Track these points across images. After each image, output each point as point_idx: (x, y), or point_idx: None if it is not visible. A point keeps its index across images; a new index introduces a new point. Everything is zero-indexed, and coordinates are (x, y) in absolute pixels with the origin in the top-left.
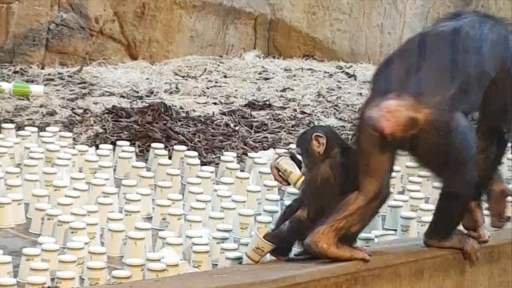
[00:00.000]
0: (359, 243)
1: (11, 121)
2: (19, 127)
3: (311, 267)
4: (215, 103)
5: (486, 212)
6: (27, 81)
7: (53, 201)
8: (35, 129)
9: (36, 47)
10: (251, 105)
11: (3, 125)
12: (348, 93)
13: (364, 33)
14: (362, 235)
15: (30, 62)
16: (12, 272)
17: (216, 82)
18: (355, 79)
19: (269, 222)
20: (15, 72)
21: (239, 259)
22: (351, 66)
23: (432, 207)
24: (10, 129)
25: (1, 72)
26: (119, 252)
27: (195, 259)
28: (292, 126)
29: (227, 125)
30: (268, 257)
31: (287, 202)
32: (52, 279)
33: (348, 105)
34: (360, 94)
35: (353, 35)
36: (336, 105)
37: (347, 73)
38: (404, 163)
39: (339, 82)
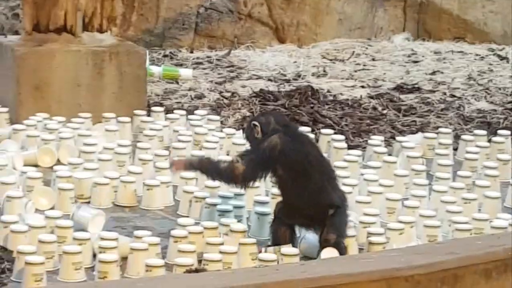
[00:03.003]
0: None
1: (161, 104)
2: (168, 110)
3: (460, 253)
4: (363, 87)
5: None
6: (176, 65)
7: (200, 183)
8: (184, 112)
9: (185, 31)
10: (400, 88)
11: (153, 108)
12: (500, 76)
13: None
14: None
15: (180, 46)
16: (161, 254)
17: (364, 65)
18: (508, 62)
19: (417, 207)
20: (165, 56)
21: (383, 244)
22: (504, 48)
23: None
24: (159, 112)
25: (151, 56)
26: (266, 235)
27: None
28: (442, 110)
29: (374, 108)
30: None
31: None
32: (199, 261)
33: (499, 88)
34: None
35: (505, 17)
36: (487, 88)
37: (499, 56)
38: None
39: (490, 64)
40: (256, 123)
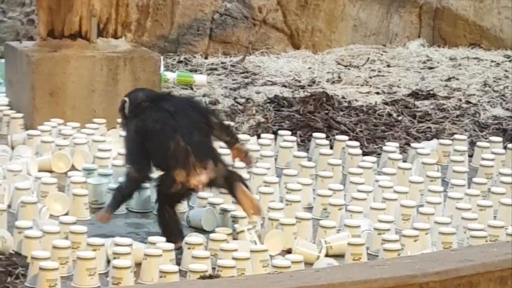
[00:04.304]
0: None
1: None
2: None
3: (475, 261)
4: (377, 93)
5: None
6: (190, 71)
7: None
8: None
9: (200, 37)
10: (415, 94)
11: None
12: None
13: None
14: None
15: (194, 52)
16: (175, 260)
17: (379, 71)
18: None
19: (432, 214)
20: (179, 61)
21: (398, 251)
22: None
23: None
24: None
25: (166, 62)
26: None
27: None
28: (457, 116)
29: (389, 115)
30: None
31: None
32: (213, 268)
33: None
34: None
35: None
36: (503, 95)
37: None
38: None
39: (506, 71)
40: (126, 99)
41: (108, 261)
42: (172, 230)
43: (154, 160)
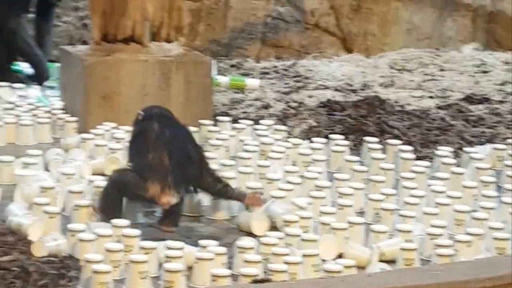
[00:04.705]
0: None
1: (227, 114)
2: (234, 120)
3: None
4: (431, 97)
5: None
6: (243, 75)
7: (266, 193)
8: (250, 122)
9: (252, 41)
10: (469, 99)
11: (219, 118)
12: None
13: None
14: None
15: (246, 56)
16: (227, 264)
17: (433, 75)
18: None
19: (486, 219)
20: (232, 65)
21: (451, 256)
22: None
23: None
24: (226, 122)
25: (218, 66)
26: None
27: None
28: (511, 121)
29: (442, 119)
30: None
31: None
32: (265, 272)
33: None
34: None
35: None
36: None
37: None
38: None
39: None
40: (141, 112)
41: (160, 265)
42: (110, 207)
43: (134, 161)
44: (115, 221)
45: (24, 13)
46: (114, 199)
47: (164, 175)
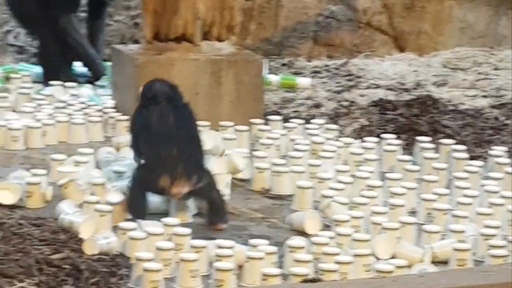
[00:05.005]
0: None
1: (278, 113)
2: (285, 119)
3: None
4: (484, 96)
5: None
6: (294, 74)
7: (317, 193)
8: (301, 121)
9: (304, 39)
10: None
11: (270, 117)
12: None
13: None
14: None
15: (298, 55)
16: (277, 263)
17: (486, 74)
18: None
19: None
20: (283, 64)
21: (505, 257)
22: None
23: None
24: (277, 121)
25: (269, 65)
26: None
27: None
28: None
29: (496, 118)
30: None
31: None
32: (315, 271)
33: None
34: None
35: None
36: None
37: None
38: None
39: None
40: (141, 88)
41: (211, 263)
42: (136, 206)
43: (142, 153)
44: (165, 219)
45: (75, 12)
46: (137, 197)
47: (174, 166)
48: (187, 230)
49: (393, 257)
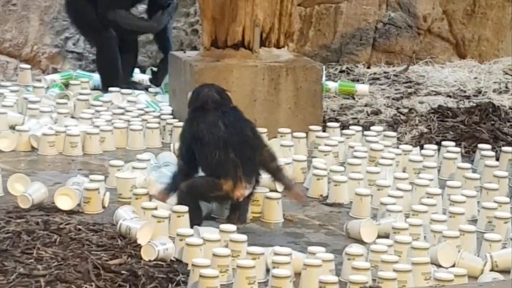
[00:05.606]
0: None
1: (336, 120)
2: (344, 126)
3: None
4: None
5: None
6: (352, 80)
7: (375, 200)
8: (360, 128)
9: (363, 46)
10: None
11: (328, 123)
12: None
13: None
14: None
15: (357, 62)
16: (335, 270)
17: None
18: None
19: None
20: (341, 71)
21: None
22: None
23: None
24: (335, 128)
25: (328, 72)
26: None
27: None
28: None
29: None
30: None
31: None
32: (373, 280)
33: None
34: None
35: None
36: None
37: None
38: None
39: None
40: (190, 93)
41: (268, 270)
42: (194, 213)
43: (200, 164)
44: (222, 226)
45: (127, 9)
46: (195, 205)
47: (234, 170)
48: (244, 237)
49: (453, 266)
